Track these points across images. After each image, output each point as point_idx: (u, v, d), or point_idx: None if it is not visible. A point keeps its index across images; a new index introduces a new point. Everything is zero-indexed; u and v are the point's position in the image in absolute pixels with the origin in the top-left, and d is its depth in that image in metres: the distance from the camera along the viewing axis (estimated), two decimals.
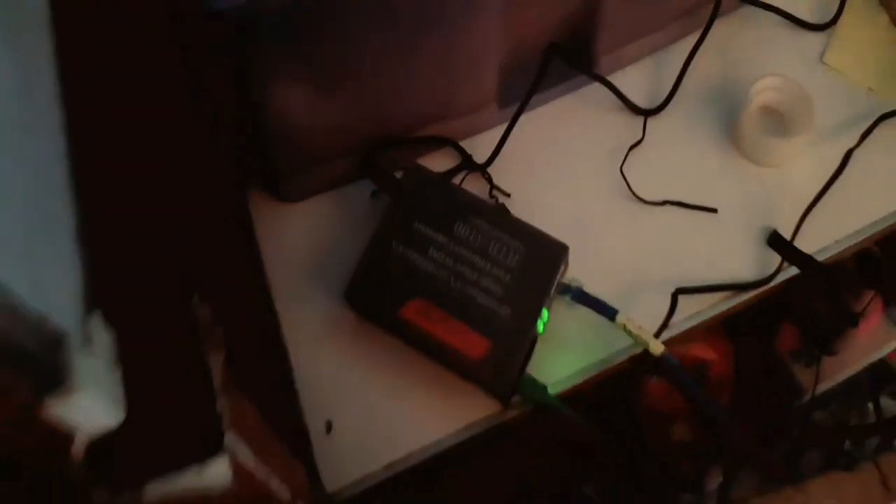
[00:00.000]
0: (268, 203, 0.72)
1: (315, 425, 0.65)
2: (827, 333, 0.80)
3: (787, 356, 0.80)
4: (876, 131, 0.76)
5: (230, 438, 0.35)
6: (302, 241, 0.71)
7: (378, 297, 0.65)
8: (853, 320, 0.79)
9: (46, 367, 0.30)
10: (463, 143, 0.74)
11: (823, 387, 0.79)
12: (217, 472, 0.35)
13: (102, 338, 0.34)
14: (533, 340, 0.65)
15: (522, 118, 0.73)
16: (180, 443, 0.35)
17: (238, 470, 0.37)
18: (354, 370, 0.67)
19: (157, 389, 0.35)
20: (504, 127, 0.73)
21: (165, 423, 0.35)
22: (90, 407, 0.32)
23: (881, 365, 0.84)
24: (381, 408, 0.66)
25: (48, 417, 0.31)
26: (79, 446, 0.32)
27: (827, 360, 0.79)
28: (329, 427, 0.66)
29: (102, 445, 0.33)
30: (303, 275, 0.70)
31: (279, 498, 0.44)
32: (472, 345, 0.63)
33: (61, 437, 0.32)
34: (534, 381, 0.65)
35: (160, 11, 0.51)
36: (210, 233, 0.55)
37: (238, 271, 0.62)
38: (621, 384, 0.74)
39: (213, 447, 0.35)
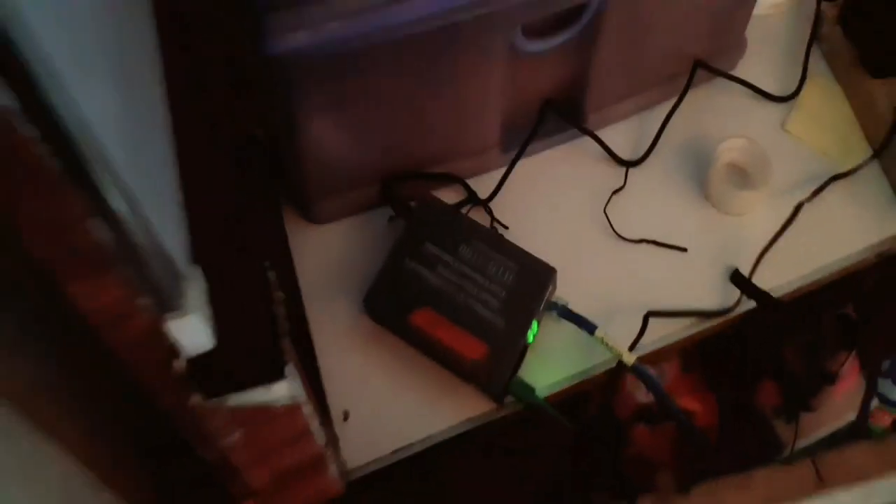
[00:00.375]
0: (300, 223, 0.81)
1: (335, 413, 0.75)
2: (804, 387, 0.85)
3: (769, 410, 0.84)
4: (826, 190, 0.84)
5: (289, 370, 0.46)
6: (329, 256, 0.80)
7: (391, 305, 0.74)
8: (828, 376, 0.84)
9: (170, 293, 0.40)
10: (469, 181, 0.82)
11: (802, 443, 0.82)
12: (279, 392, 0.45)
13: (200, 282, 0.44)
14: (524, 348, 0.74)
15: (521, 162, 0.83)
16: (254, 367, 0.45)
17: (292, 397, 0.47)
18: (369, 368, 0.77)
19: (237, 325, 0.45)
20: (505, 168, 0.83)
21: (244, 350, 0.45)
22: (194, 330, 0.42)
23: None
24: (390, 401, 0.76)
25: (165, 334, 0.41)
26: (182, 361, 0.43)
27: (805, 418, 0.82)
28: (346, 416, 0.75)
29: (197, 363, 0.44)
30: (329, 284, 0.79)
31: (317, 439, 0.54)
32: (471, 349, 0.72)
33: (171, 351, 0.42)
34: (524, 384, 0.74)
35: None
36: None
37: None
38: (609, 427, 0.82)
39: (277, 373, 0.45)
